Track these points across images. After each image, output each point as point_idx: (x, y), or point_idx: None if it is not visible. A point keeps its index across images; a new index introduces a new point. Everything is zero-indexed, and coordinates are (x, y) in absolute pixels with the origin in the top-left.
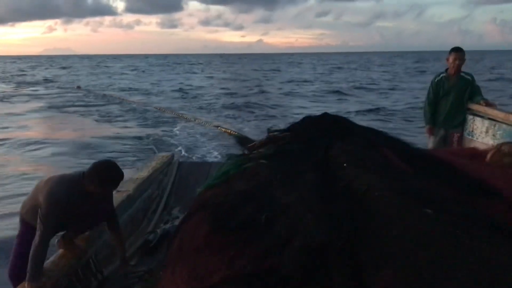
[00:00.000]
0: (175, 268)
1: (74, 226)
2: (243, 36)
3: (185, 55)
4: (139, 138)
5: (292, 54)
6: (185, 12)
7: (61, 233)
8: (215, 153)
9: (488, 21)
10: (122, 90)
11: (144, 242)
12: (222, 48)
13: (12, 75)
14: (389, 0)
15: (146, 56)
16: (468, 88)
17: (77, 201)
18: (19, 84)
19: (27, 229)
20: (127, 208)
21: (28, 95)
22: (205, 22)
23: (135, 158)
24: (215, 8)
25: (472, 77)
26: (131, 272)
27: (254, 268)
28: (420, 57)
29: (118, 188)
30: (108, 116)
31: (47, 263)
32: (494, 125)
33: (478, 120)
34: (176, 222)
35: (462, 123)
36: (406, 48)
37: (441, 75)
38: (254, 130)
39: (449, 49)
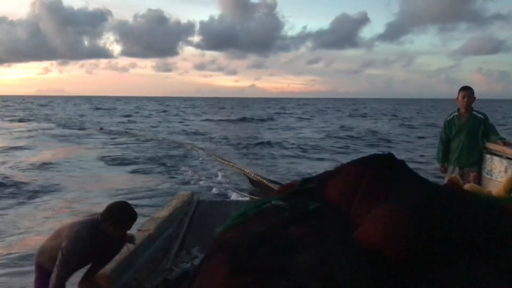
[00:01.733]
0: None
1: (94, 264)
2: (236, 81)
3: (178, 98)
4: None
5: (283, 99)
6: (180, 56)
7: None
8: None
9: (474, 71)
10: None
11: (163, 280)
12: (216, 92)
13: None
14: (378, 48)
15: (138, 99)
16: (481, 126)
17: (98, 244)
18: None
19: (44, 274)
20: (148, 247)
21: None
22: (200, 67)
23: None
24: (210, 54)
25: (485, 115)
26: None
27: None
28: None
29: (140, 227)
30: None
31: None
32: None
33: (496, 159)
34: (195, 262)
35: (478, 162)
36: (395, 95)
37: (453, 114)
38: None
39: (437, 96)
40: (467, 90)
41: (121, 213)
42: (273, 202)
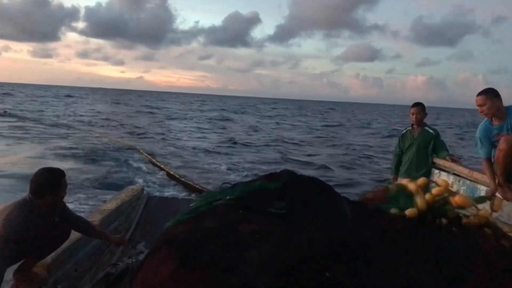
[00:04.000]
0: None
1: (32, 253)
2: (122, 72)
3: (58, 87)
4: None
5: (173, 93)
6: (62, 42)
7: (18, 264)
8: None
9: (353, 76)
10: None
11: (105, 275)
12: (99, 82)
13: None
14: (268, 49)
15: (11, 85)
16: (432, 141)
17: (34, 227)
18: None
19: None
20: (91, 239)
21: None
22: (83, 55)
23: None
24: (95, 41)
25: (436, 132)
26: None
27: None
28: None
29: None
30: None
31: None
32: (459, 181)
33: (443, 174)
34: (140, 257)
35: (426, 175)
36: (281, 95)
37: (407, 129)
38: None
39: (320, 99)
40: (416, 107)
41: (51, 176)
42: (227, 198)
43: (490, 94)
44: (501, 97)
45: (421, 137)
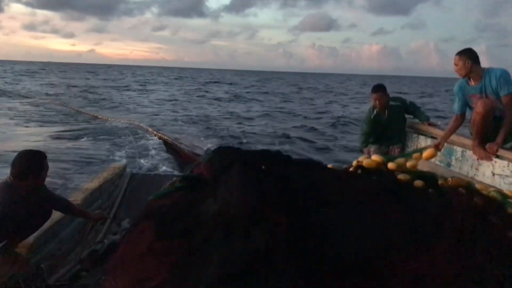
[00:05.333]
0: (116, 273)
1: (14, 233)
2: (73, 45)
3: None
4: None
5: (126, 66)
6: (6, 14)
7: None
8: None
9: (309, 46)
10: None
11: (91, 252)
12: (48, 56)
13: None
14: (224, 19)
15: None
16: (401, 112)
17: (17, 206)
18: None
19: None
20: (75, 218)
21: None
22: (30, 27)
23: None
24: (42, 13)
25: (402, 100)
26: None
27: (195, 273)
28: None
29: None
30: None
31: None
32: None
33: (421, 138)
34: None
35: (401, 140)
36: (239, 66)
37: (375, 110)
38: None
39: (276, 69)
40: (377, 93)
41: (33, 159)
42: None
43: (464, 55)
44: (478, 59)
45: (390, 114)
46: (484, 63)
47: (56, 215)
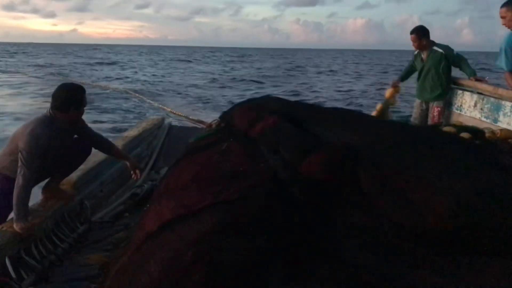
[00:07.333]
0: (161, 201)
1: (57, 169)
2: (54, 25)
3: None
4: None
5: (109, 45)
6: None
7: (46, 181)
8: None
9: (293, 21)
10: None
11: (131, 195)
12: (29, 37)
13: None
14: None
15: None
16: (443, 61)
17: (57, 139)
18: None
19: (6, 180)
20: (116, 163)
21: None
22: (9, 7)
23: None
24: None
25: (447, 48)
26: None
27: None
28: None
29: None
30: None
31: (34, 205)
32: (483, 99)
33: (467, 94)
34: None
35: (442, 96)
36: (222, 44)
37: (417, 50)
38: None
39: (261, 46)
40: (411, 35)
41: (74, 91)
42: None
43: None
44: None
45: (430, 59)
46: (469, 35)
47: (97, 157)
